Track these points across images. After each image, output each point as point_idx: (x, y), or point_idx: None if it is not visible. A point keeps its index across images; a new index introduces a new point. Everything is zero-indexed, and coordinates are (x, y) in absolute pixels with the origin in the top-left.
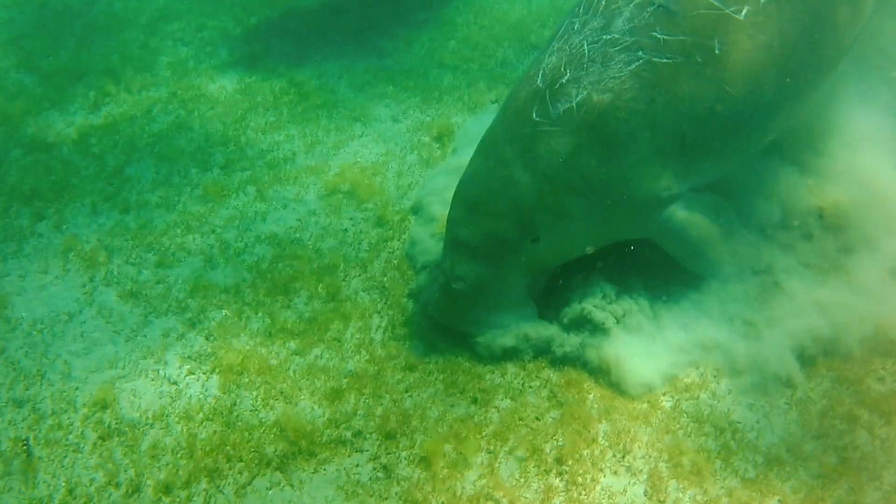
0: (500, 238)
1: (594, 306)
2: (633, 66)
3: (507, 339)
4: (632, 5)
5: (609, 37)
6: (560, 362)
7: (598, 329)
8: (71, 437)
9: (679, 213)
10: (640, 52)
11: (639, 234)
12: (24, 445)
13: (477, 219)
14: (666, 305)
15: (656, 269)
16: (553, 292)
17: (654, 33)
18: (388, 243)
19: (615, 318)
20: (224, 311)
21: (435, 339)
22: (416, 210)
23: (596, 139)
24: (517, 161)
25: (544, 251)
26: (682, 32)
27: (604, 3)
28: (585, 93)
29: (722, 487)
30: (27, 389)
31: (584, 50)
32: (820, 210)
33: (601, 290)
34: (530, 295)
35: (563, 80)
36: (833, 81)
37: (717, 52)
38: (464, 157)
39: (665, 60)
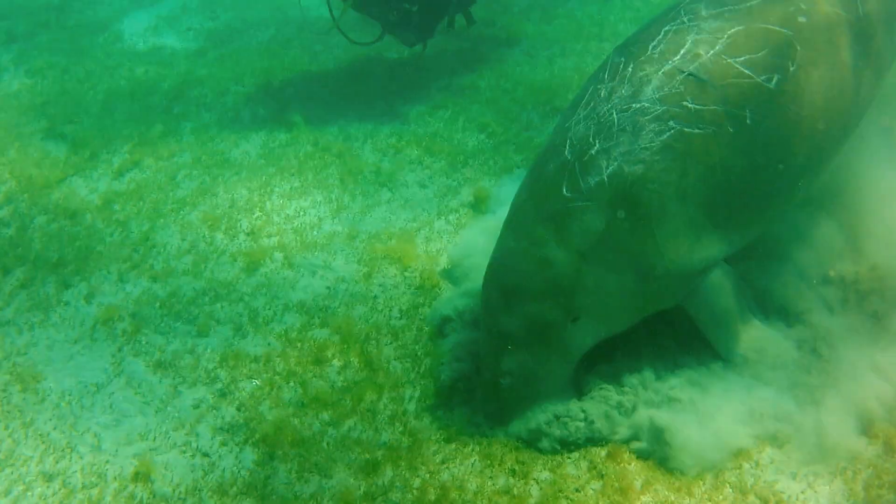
0: (542, 323)
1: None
2: (665, 136)
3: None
4: (661, 73)
5: (639, 105)
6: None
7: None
8: None
9: (711, 281)
10: (672, 122)
11: (670, 305)
12: None
13: (516, 305)
14: (701, 372)
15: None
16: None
17: (684, 102)
18: (420, 310)
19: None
20: (255, 381)
21: (468, 410)
22: (448, 273)
23: (628, 213)
24: (551, 240)
25: (584, 331)
26: (713, 102)
27: (631, 70)
28: (616, 164)
29: None
30: (57, 463)
31: (613, 119)
32: (856, 275)
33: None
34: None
35: (593, 152)
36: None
37: (748, 122)
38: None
39: (697, 131)
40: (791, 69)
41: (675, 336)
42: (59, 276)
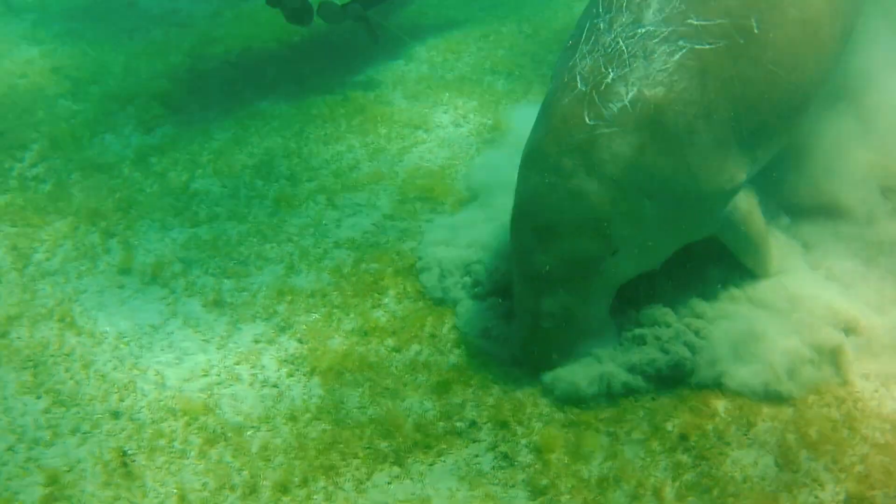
0: (581, 259)
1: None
2: (677, 56)
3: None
4: None
5: (644, 30)
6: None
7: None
8: (175, 444)
9: (741, 204)
10: (681, 42)
11: (705, 234)
12: (124, 456)
13: (551, 243)
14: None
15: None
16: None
17: (689, 20)
18: None
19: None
20: (314, 315)
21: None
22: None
23: (657, 135)
24: (580, 170)
25: (623, 264)
26: (718, 15)
27: None
28: (636, 89)
29: (853, 455)
30: (122, 401)
31: (621, 47)
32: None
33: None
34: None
35: (608, 80)
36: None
37: (756, 31)
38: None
39: (707, 46)
40: None
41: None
42: (102, 227)
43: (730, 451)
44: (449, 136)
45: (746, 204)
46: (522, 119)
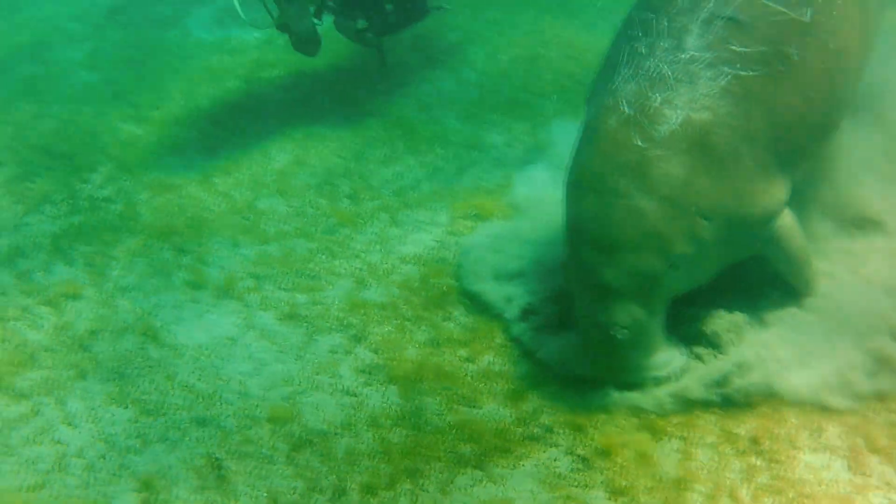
0: (647, 272)
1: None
2: (721, 81)
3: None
4: (698, 21)
5: (687, 55)
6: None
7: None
8: (263, 450)
9: (784, 223)
10: (725, 67)
11: (752, 252)
12: (216, 461)
13: (617, 258)
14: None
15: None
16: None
17: (731, 46)
18: None
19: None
20: (387, 327)
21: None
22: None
23: (705, 158)
24: (636, 191)
25: (679, 279)
26: (758, 42)
27: (665, 23)
28: (683, 113)
29: None
30: (207, 410)
31: (664, 72)
32: None
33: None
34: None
35: (655, 104)
36: None
37: (795, 58)
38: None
39: (750, 73)
40: (819, 1)
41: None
42: (173, 244)
43: (801, 455)
44: (502, 156)
45: (788, 223)
46: (567, 138)
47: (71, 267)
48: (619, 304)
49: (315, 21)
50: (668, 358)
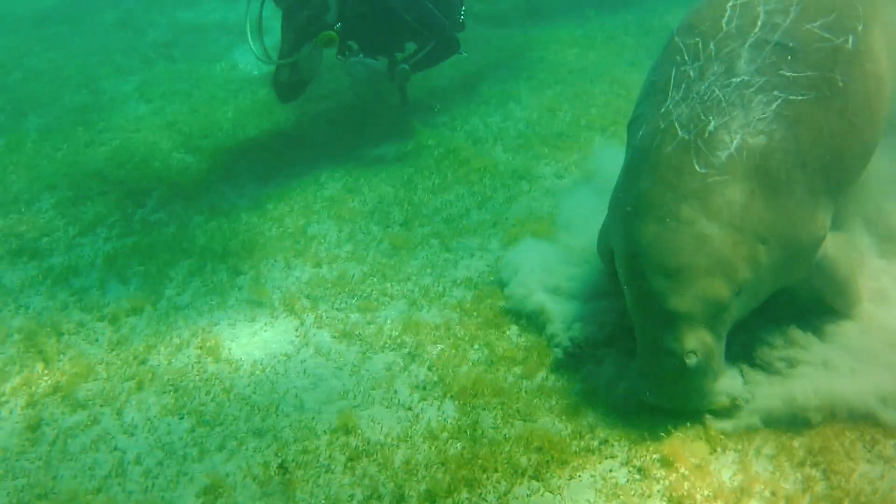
0: (715, 298)
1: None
2: (774, 106)
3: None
4: (746, 46)
5: (739, 80)
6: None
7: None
8: (321, 459)
9: (830, 250)
10: (776, 92)
11: (799, 277)
12: (281, 467)
13: (686, 285)
14: None
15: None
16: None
17: (781, 71)
18: None
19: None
20: (440, 346)
21: None
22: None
23: (764, 183)
24: (700, 217)
25: (741, 304)
26: (806, 68)
27: (713, 47)
28: (739, 137)
29: None
30: (264, 421)
31: (717, 95)
32: None
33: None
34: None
35: (711, 129)
36: None
37: (840, 84)
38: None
39: (800, 98)
40: (860, 29)
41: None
42: (228, 265)
43: (857, 466)
44: (552, 185)
45: (834, 248)
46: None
47: (126, 286)
48: (689, 331)
49: (371, 61)
50: (730, 383)
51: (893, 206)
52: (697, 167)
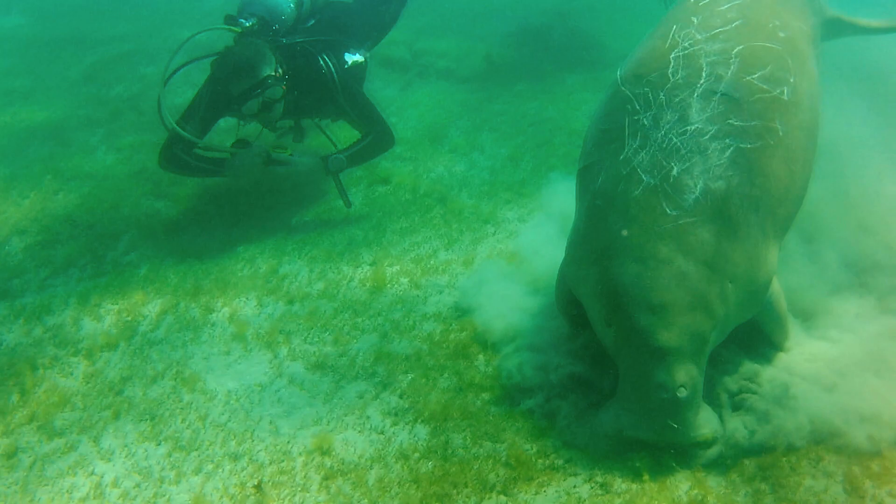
0: (699, 332)
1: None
2: (728, 153)
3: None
4: (696, 96)
5: (693, 127)
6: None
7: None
8: (297, 479)
9: (776, 285)
10: (728, 140)
11: (753, 314)
12: (255, 487)
13: (671, 320)
14: None
15: None
16: None
17: (730, 121)
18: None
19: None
20: (411, 375)
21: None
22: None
23: (726, 225)
24: (677, 255)
25: (714, 340)
26: (752, 117)
27: (664, 97)
28: (702, 182)
29: None
30: (240, 445)
31: (675, 143)
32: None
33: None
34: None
35: (675, 174)
36: None
37: (781, 133)
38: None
39: (750, 146)
40: (792, 81)
41: None
42: (200, 303)
43: (803, 481)
44: (516, 229)
45: (777, 286)
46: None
47: (100, 323)
48: (679, 364)
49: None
50: (708, 416)
51: None
52: (668, 209)
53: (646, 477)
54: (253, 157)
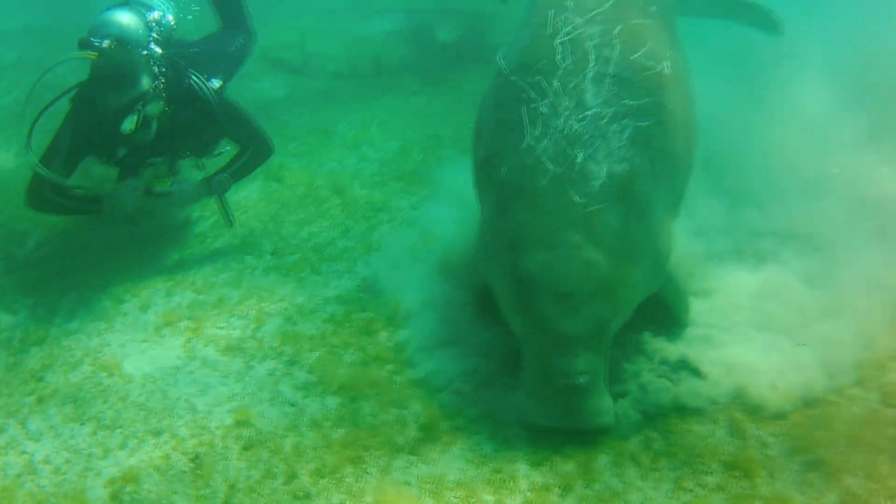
0: (601, 320)
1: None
2: (626, 133)
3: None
4: (588, 80)
5: (591, 112)
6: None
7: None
8: (217, 449)
9: (673, 258)
10: (625, 120)
11: (655, 289)
12: (192, 460)
13: (575, 308)
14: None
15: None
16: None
17: (624, 101)
18: None
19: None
20: (317, 353)
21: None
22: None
23: (633, 208)
24: (587, 243)
25: (617, 324)
26: (643, 95)
27: (557, 84)
28: (606, 167)
29: (788, 422)
30: (160, 422)
31: (576, 129)
32: None
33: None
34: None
35: (579, 160)
36: None
37: (669, 107)
38: None
39: (645, 123)
40: (668, 54)
41: None
42: (111, 295)
43: (691, 428)
44: (409, 217)
45: (676, 263)
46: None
47: (15, 316)
48: (579, 352)
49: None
50: (608, 404)
51: None
52: (576, 197)
53: (548, 433)
54: (132, 191)
